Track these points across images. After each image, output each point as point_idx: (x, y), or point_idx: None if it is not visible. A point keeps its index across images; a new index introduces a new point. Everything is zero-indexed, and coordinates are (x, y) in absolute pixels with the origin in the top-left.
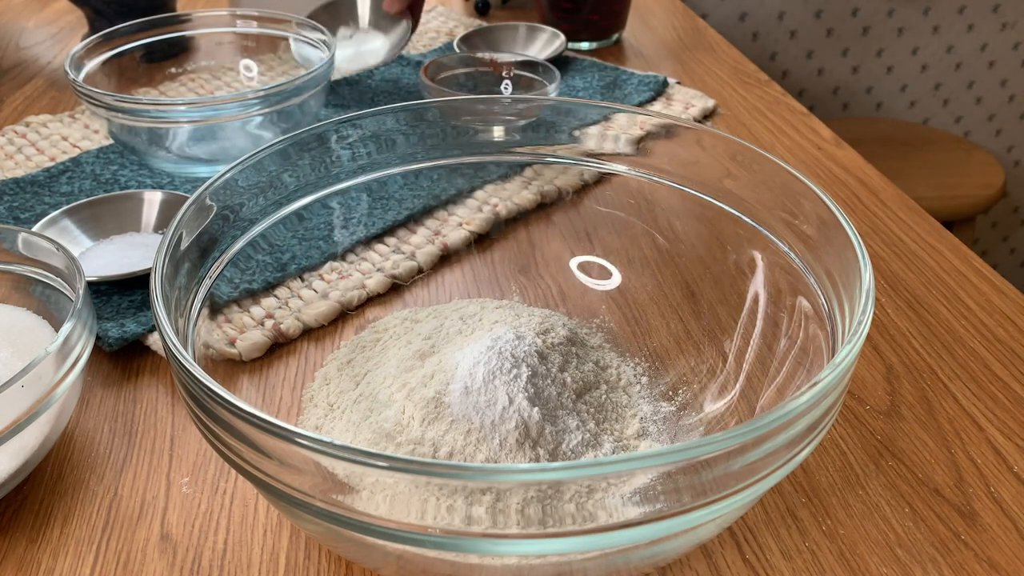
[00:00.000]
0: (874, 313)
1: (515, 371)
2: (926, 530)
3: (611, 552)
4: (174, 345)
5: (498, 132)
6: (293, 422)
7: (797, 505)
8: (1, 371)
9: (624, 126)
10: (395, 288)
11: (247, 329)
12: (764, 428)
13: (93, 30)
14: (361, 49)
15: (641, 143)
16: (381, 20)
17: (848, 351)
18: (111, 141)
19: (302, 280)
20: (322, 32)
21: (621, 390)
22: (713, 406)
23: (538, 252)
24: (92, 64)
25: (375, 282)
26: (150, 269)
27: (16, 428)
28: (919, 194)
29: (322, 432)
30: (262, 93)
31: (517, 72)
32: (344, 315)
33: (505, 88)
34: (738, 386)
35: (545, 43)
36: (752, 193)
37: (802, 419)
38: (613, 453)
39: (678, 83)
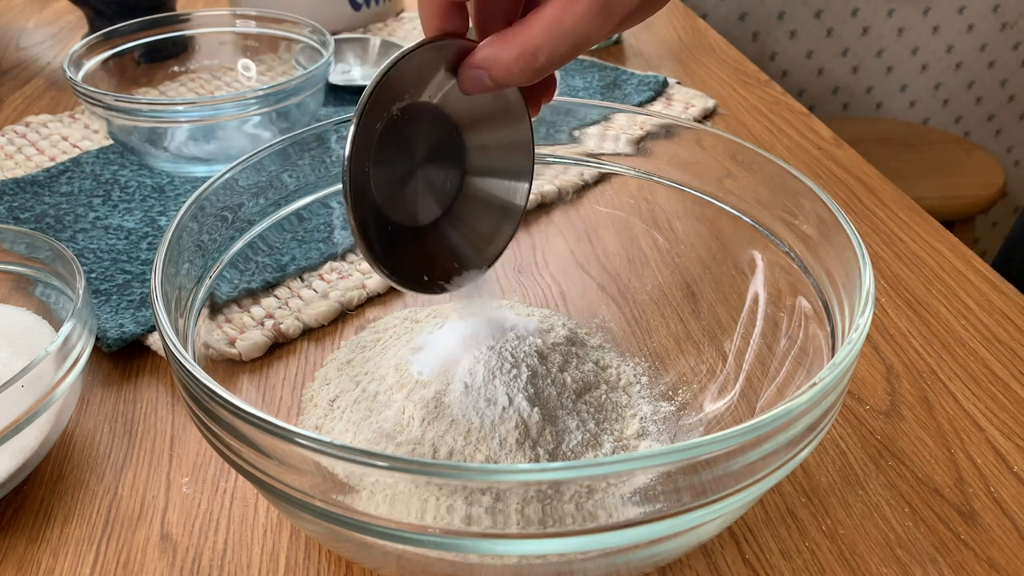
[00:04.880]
0: (874, 313)
1: (515, 371)
2: (926, 530)
3: (611, 552)
4: (174, 345)
5: None
6: (293, 422)
7: (797, 505)
8: (1, 371)
9: (624, 126)
10: (395, 288)
11: (247, 329)
12: (764, 428)
13: (93, 30)
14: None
15: (641, 143)
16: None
17: (848, 351)
18: (111, 141)
19: (302, 280)
20: (322, 33)
21: (621, 390)
22: (713, 406)
23: (538, 252)
24: (92, 64)
25: (375, 282)
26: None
27: (16, 428)
28: (919, 194)
29: (322, 432)
30: (261, 93)
31: None
32: (344, 315)
33: None
34: (738, 386)
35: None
36: (752, 193)
37: (802, 419)
38: (613, 453)
39: (678, 83)
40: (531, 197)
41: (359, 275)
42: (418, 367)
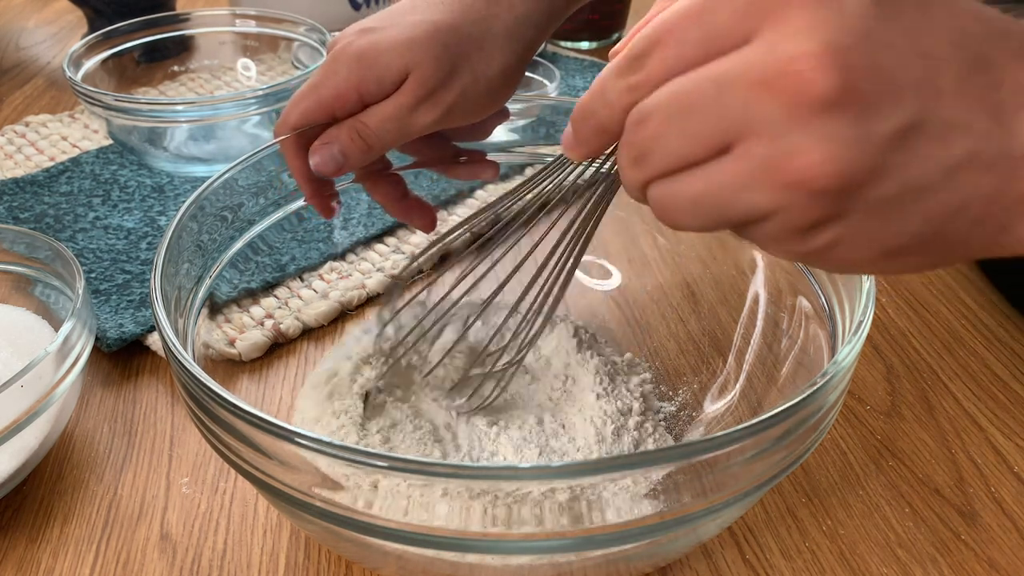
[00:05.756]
0: (874, 313)
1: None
2: (926, 530)
3: (611, 552)
4: (174, 345)
5: (498, 132)
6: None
7: (797, 505)
8: (1, 371)
9: None
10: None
11: (247, 329)
12: (764, 428)
13: (93, 30)
14: None
15: None
16: None
17: (848, 351)
18: (111, 141)
19: (302, 280)
20: (321, 32)
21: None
22: (713, 406)
23: (538, 252)
24: (91, 63)
25: (375, 282)
26: None
27: (16, 428)
28: None
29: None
30: (260, 93)
31: None
32: (344, 315)
33: None
34: (738, 386)
35: None
36: None
37: (803, 419)
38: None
39: None
40: (531, 197)
41: (359, 275)
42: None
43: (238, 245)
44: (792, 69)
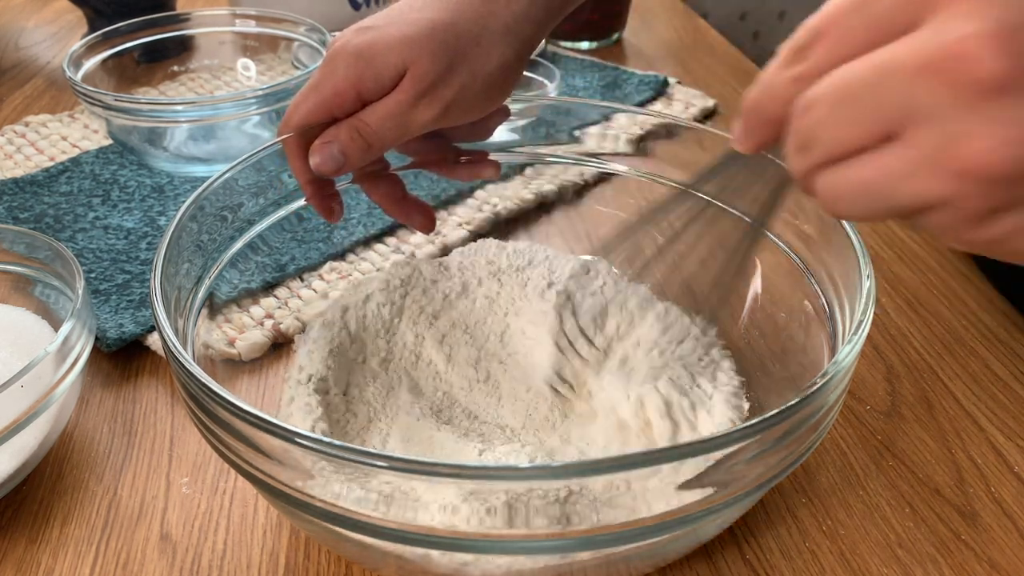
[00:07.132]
0: (874, 313)
1: None
2: (926, 530)
3: (612, 552)
4: (174, 345)
5: (498, 132)
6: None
7: (797, 505)
8: (1, 371)
9: (624, 126)
10: None
11: (247, 329)
12: (764, 428)
13: (93, 30)
14: None
15: (641, 143)
16: None
17: (848, 351)
18: (111, 141)
19: (302, 280)
20: (321, 32)
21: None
22: None
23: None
24: (91, 63)
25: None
26: None
27: (16, 428)
28: None
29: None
30: (260, 93)
31: None
32: None
33: None
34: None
35: None
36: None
37: (802, 419)
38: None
39: (678, 83)
40: (531, 197)
41: (359, 275)
42: None
43: (238, 245)
44: (959, 51)
